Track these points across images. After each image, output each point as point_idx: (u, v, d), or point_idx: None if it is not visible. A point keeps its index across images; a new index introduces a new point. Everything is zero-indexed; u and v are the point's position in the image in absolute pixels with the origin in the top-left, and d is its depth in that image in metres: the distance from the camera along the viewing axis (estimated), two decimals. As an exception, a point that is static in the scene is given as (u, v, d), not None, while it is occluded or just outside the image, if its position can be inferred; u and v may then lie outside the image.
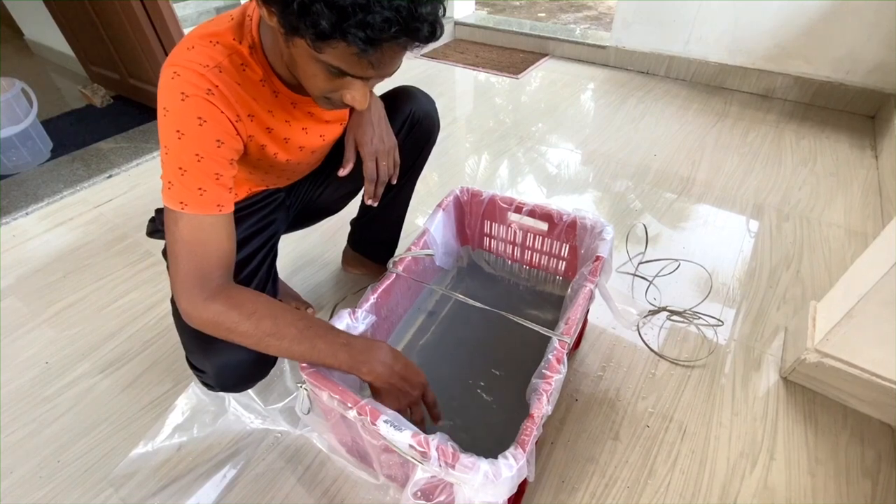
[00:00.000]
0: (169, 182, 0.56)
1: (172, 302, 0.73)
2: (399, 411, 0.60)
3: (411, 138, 0.91)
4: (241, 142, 0.62)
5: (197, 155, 0.56)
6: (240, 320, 0.56)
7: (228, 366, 0.66)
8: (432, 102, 0.93)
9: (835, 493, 0.78)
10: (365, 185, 0.82)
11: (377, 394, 0.63)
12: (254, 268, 0.76)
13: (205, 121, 0.56)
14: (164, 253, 0.78)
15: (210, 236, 0.58)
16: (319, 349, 0.59)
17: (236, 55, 0.59)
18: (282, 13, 0.46)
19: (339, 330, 0.63)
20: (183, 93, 0.54)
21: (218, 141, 0.57)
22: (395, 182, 0.85)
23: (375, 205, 0.84)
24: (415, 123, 0.90)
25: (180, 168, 0.55)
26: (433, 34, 0.49)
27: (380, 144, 0.81)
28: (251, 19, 0.60)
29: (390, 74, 0.54)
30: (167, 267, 0.77)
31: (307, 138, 0.73)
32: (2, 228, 1.44)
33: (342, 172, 0.79)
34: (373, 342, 0.62)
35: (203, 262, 0.57)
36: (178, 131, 0.55)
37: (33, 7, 2.22)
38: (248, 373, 0.70)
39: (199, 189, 0.56)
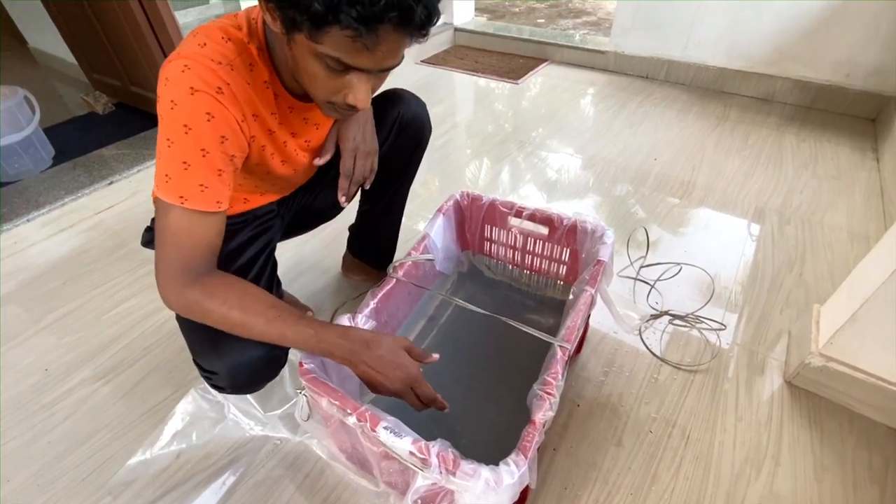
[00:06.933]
0: (166, 175, 0.56)
1: None
2: (395, 394, 0.61)
3: (400, 141, 0.91)
4: (245, 140, 0.62)
5: (203, 150, 0.55)
6: (212, 308, 0.57)
7: (241, 364, 0.66)
8: (423, 105, 0.93)
9: (842, 500, 0.77)
10: (340, 180, 0.83)
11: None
12: (254, 277, 0.76)
13: (213, 116, 0.55)
14: None
15: (200, 230, 0.58)
16: (289, 340, 0.59)
17: (246, 53, 0.59)
18: (279, 6, 0.48)
19: (309, 320, 0.61)
20: (192, 87, 0.54)
21: (223, 137, 0.57)
22: (367, 187, 0.87)
23: (346, 205, 0.85)
24: (403, 126, 0.90)
25: (184, 162, 0.55)
26: (429, 18, 0.48)
27: (361, 143, 0.82)
28: (256, 22, 0.61)
29: (390, 67, 0.54)
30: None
31: (295, 141, 0.74)
32: (3, 235, 1.44)
33: (318, 162, 0.79)
34: (348, 331, 0.62)
35: (189, 252, 0.58)
36: (185, 125, 0.54)
37: (37, 16, 2.24)
38: (259, 371, 0.70)
39: (201, 185, 0.56)
